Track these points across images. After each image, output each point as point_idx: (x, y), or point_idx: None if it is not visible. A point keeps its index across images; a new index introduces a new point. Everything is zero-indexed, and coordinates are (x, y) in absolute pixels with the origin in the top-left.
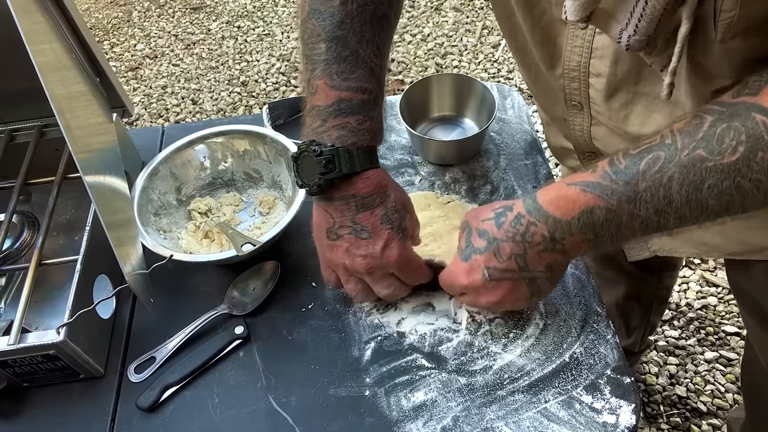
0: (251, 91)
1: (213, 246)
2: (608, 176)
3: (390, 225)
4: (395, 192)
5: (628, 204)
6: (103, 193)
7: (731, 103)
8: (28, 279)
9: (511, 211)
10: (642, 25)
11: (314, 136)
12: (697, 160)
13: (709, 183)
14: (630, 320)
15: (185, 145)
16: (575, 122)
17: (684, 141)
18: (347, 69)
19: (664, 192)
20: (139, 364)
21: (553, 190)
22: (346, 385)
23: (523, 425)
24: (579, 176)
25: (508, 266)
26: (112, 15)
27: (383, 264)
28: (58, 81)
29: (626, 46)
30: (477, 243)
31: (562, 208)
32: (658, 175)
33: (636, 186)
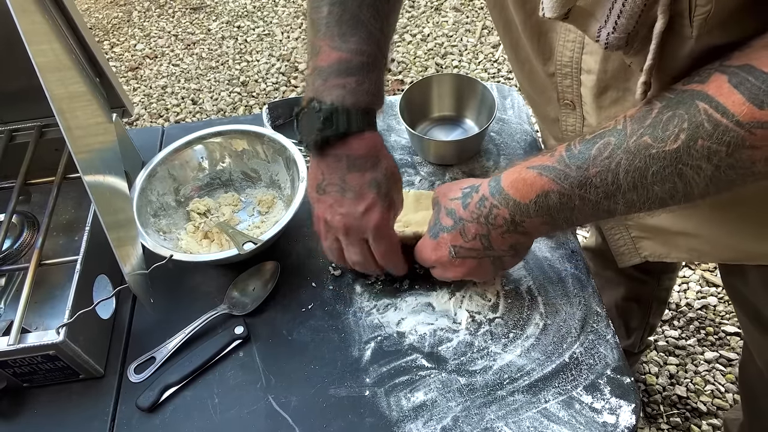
0: (251, 91)
1: (213, 246)
2: (563, 160)
3: (376, 190)
4: (387, 161)
5: (579, 189)
6: (103, 193)
7: (680, 90)
8: (28, 279)
9: (477, 192)
10: (621, 22)
11: (315, 95)
12: (643, 146)
13: (653, 170)
14: (629, 321)
15: (183, 145)
16: (568, 123)
17: (633, 127)
18: (347, 31)
19: (612, 177)
20: (139, 365)
21: (515, 172)
22: (346, 385)
23: (523, 425)
24: (538, 159)
25: (473, 245)
26: (112, 15)
27: (360, 227)
28: (57, 81)
29: (605, 45)
30: (444, 221)
31: (521, 190)
32: (607, 161)
33: (587, 171)
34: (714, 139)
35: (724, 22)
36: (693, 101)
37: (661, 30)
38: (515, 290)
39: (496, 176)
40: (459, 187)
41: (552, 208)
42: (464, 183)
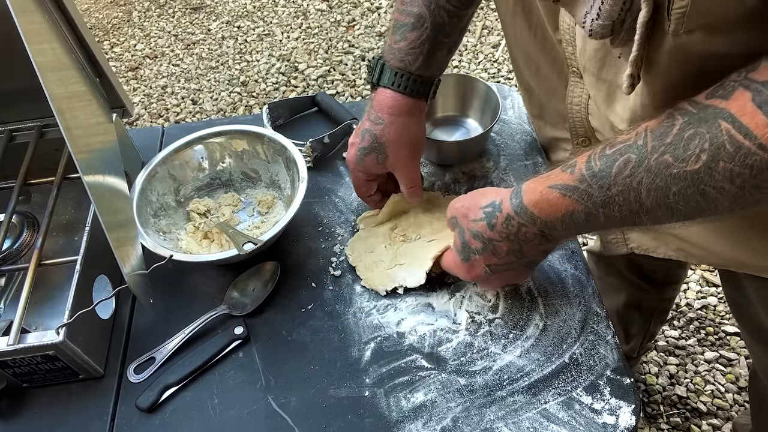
0: (251, 91)
1: (213, 246)
2: (585, 179)
3: (359, 139)
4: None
5: (603, 207)
6: (102, 193)
7: (703, 105)
8: (28, 279)
9: (500, 211)
10: (605, 8)
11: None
12: (664, 165)
13: (674, 189)
14: (629, 328)
15: (183, 146)
16: (575, 93)
17: (654, 143)
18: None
19: (635, 196)
20: (139, 365)
21: (536, 192)
22: (346, 385)
23: (522, 426)
24: (559, 176)
25: (507, 261)
26: (112, 15)
27: (347, 160)
28: (57, 81)
29: (589, 32)
30: (473, 244)
31: (545, 210)
32: (628, 179)
33: (609, 190)
34: (736, 162)
35: (711, 29)
36: (715, 120)
37: (645, 20)
38: (515, 291)
39: (515, 191)
40: (477, 205)
41: (579, 224)
42: (480, 199)
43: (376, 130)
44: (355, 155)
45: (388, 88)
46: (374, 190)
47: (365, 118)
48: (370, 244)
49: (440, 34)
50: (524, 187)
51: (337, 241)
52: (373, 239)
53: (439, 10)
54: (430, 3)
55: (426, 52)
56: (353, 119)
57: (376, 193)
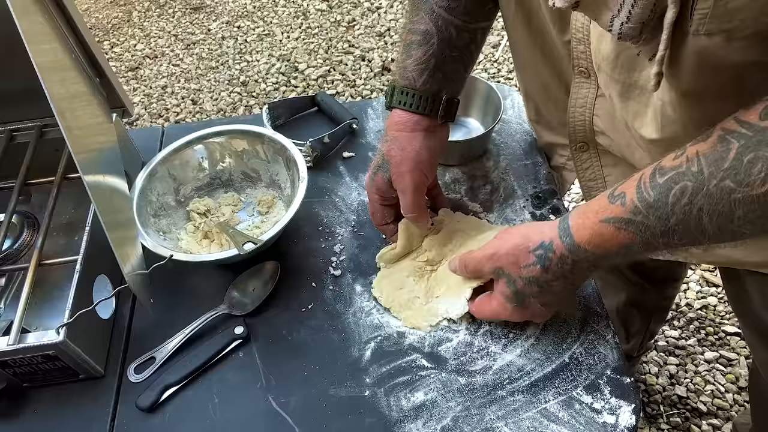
0: (251, 91)
1: (213, 246)
2: (639, 211)
3: (375, 158)
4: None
5: (663, 237)
6: (103, 193)
7: (759, 128)
8: (28, 279)
9: (553, 252)
10: (636, 12)
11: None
12: (726, 191)
13: (738, 214)
14: (629, 327)
15: (183, 145)
16: (579, 95)
17: (711, 170)
18: (413, 11)
19: (695, 223)
20: (139, 364)
21: (588, 228)
22: (346, 385)
23: (522, 425)
24: (609, 209)
25: (560, 294)
26: (112, 15)
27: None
28: (58, 81)
29: (618, 35)
30: (528, 290)
31: (600, 246)
32: (687, 207)
33: (667, 220)
34: None
35: (732, 34)
36: None
37: (672, 20)
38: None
39: (563, 229)
40: (526, 249)
41: (636, 254)
42: (526, 241)
43: (384, 148)
44: (369, 176)
45: (396, 107)
46: (391, 219)
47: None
48: (398, 281)
49: (448, 48)
50: (572, 223)
51: (337, 241)
52: (399, 274)
53: (446, 25)
54: (437, 18)
55: (432, 66)
56: (353, 119)
57: (392, 223)
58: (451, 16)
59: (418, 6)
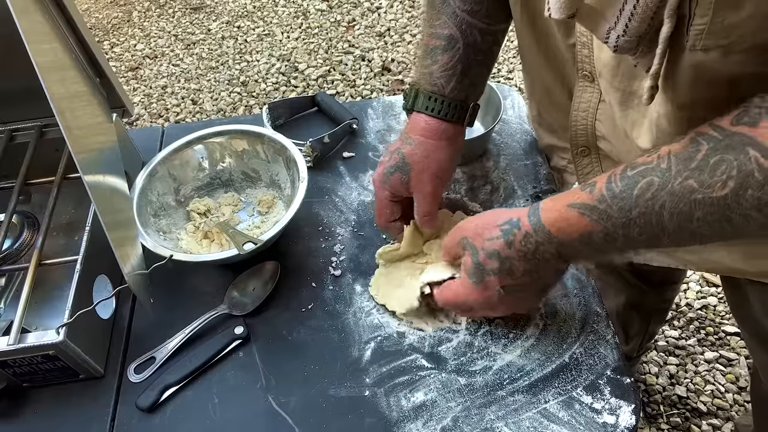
0: (251, 91)
1: (213, 246)
2: (604, 200)
3: (388, 157)
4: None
5: (623, 229)
6: (103, 193)
7: (729, 132)
8: (28, 279)
9: (519, 229)
10: (633, 25)
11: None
12: (688, 190)
13: (698, 215)
14: (629, 328)
15: (183, 145)
16: (582, 99)
17: (678, 168)
18: (434, 15)
19: (657, 219)
20: (139, 364)
21: (555, 210)
22: (346, 385)
23: (522, 425)
24: (578, 195)
25: (522, 282)
26: (112, 15)
27: (373, 179)
28: (58, 81)
29: (614, 47)
30: (489, 264)
31: (563, 230)
32: (650, 202)
33: (629, 212)
34: (765, 190)
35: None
36: (743, 147)
37: (668, 35)
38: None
39: (533, 209)
40: (493, 223)
41: (597, 245)
42: (496, 218)
43: (405, 150)
44: (382, 173)
45: (422, 112)
46: (397, 216)
47: (398, 140)
48: (396, 279)
49: (473, 52)
50: (542, 204)
51: (337, 241)
52: (397, 273)
53: (470, 29)
54: (461, 23)
55: (459, 73)
56: (353, 119)
57: (398, 220)
58: (475, 20)
59: (440, 10)
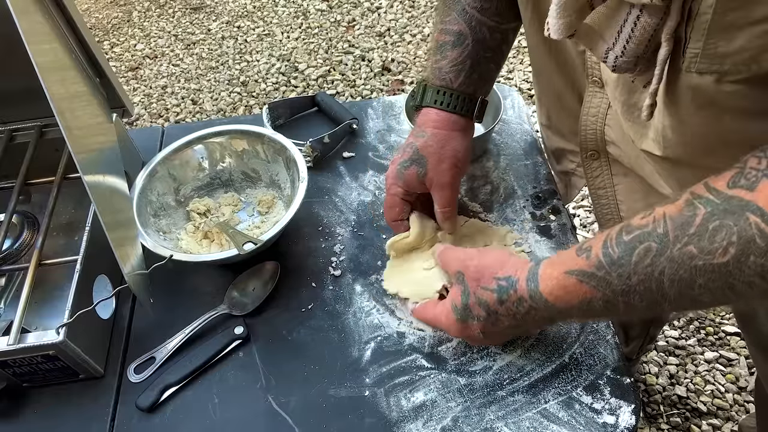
0: (251, 91)
1: (213, 246)
2: (602, 266)
3: (400, 153)
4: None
5: (623, 296)
6: (103, 193)
7: (727, 196)
8: (28, 279)
9: (514, 290)
10: (630, 47)
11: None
12: (688, 257)
13: (699, 282)
14: (629, 330)
15: (183, 145)
16: (592, 104)
17: (675, 233)
18: (445, 12)
19: (657, 286)
20: (139, 364)
21: (553, 278)
22: (346, 385)
23: (522, 426)
24: (575, 261)
25: (503, 331)
26: (112, 15)
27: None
28: (58, 81)
29: (613, 67)
30: (476, 311)
31: (562, 298)
32: (649, 268)
33: (629, 279)
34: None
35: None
36: (743, 212)
37: (666, 57)
38: None
39: (532, 274)
40: (492, 273)
41: (596, 312)
42: (496, 267)
43: (419, 143)
44: (396, 169)
45: (431, 107)
46: (407, 215)
47: (409, 136)
48: (409, 271)
49: (482, 49)
50: (541, 272)
51: (337, 241)
52: (408, 265)
53: (479, 26)
54: (471, 19)
55: (468, 68)
56: (353, 119)
57: (408, 219)
58: (484, 17)
59: (450, 6)
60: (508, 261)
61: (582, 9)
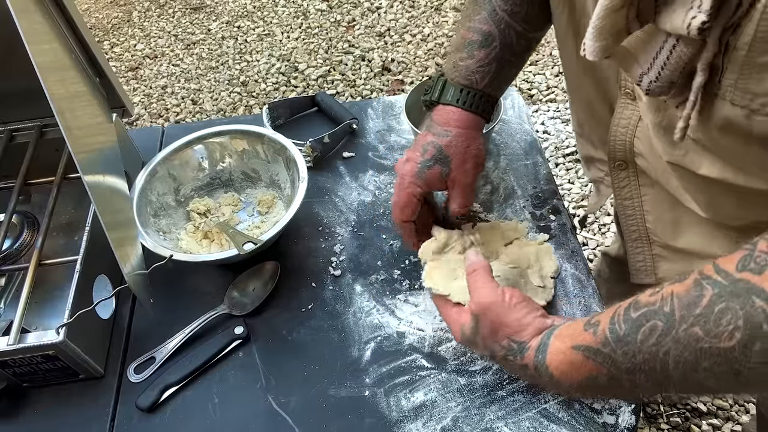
0: (251, 91)
1: (213, 246)
2: (608, 343)
3: (420, 152)
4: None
5: (628, 374)
6: (103, 193)
7: (734, 279)
8: (28, 279)
9: (521, 357)
10: (665, 73)
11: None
12: (693, 338)
13: (704, 365)
14: None
15: (183, 145)
16: (623, 115)
17: (681, 313)
18: (474, 9)
19: (661, 366)
20: (139, 364)
21: (561, 353)
22: (346, 385)
23: (522, 425)
24: (583, 337)
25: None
26: (112, 15)
27: (398, 170)
28: (58, 81)
29: (646, 91)
30: (480, 349)
31: (567, 373)
32: (654, 347)
33: (634, 358)
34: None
35: (756, 111)
36: (749, 297)
37: (701, 85)
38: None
39: (543, 344)
40: (507, 335)
41: (600, 387)
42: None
43: (442, 142)
44: (416, 168)
45: (453, 105)
46: (415, 216)
47: (426, 133)
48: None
49: (508, 53)
50: (551, 342)
51: (337, 241)
52: (447, 266)
53: (508, 30)
54: (500, 22)
55: (494, 71)
56: (353, 119)
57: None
58: (513, 21)
59: (481, 5)
60: (528, 326)
61: (619, 33)
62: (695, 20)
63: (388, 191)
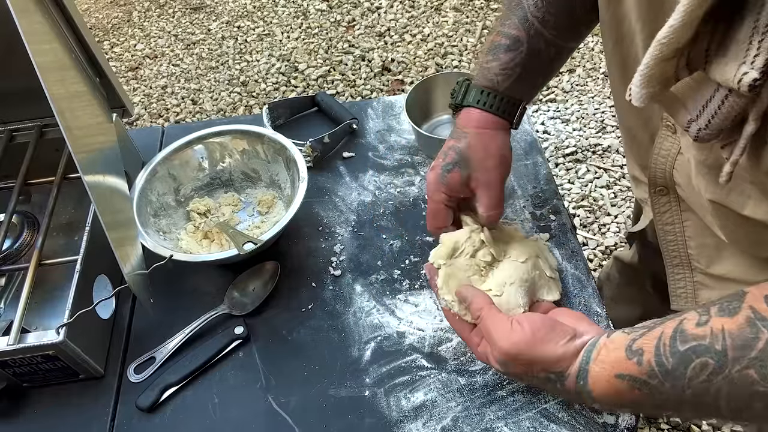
0: (251, 91)
1: (213, 246)
2: (655, 375)
3: (442, 158)
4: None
5: (675, 405)
6: (103, 193)
7: None
8: (28, 279)
9: (562, 385)
10: (715, 122)
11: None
12: (747, 381)
13: (758, 406)
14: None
15: (183, 145)
16: (663, 146)
17: (735, 354)
18: (506, 15)
19: (712, 401)
20: (139, 364)
21: (604, 381)
22: (346, 385)
23: (522, 425)
24: (626, 366)
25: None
26: (112, 15)
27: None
28: (58, 81)
29: (695, 138)
30: (518, 375)
31: (611, 397)
32: (705, 384)
33: (683, 392)
34: None
35: None
36: None
37: (751, 133)
38: None
39: (583, 370)
40: (543, 368)
41: (644, 411)
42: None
43: (461, 144)
44: (438, 174)
45: (473, 106)
46: (450, 222)
47: (450, 139)
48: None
49: (535, 59)
50: (591, 371)
51: (337, 241)
52: (462, 274)
53: (537, 36)
54: (530, 28)
55: (517, 75)
56: (353, 119)
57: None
58: (544, 29)
59: (513, 11)
60: (562, 357)
61: (667, 80)
62: (747, 76)
63: (388, 191)
